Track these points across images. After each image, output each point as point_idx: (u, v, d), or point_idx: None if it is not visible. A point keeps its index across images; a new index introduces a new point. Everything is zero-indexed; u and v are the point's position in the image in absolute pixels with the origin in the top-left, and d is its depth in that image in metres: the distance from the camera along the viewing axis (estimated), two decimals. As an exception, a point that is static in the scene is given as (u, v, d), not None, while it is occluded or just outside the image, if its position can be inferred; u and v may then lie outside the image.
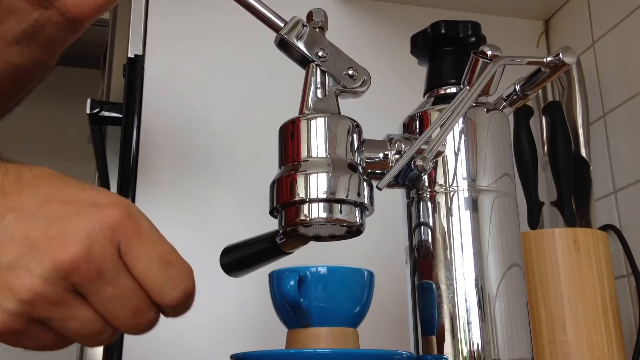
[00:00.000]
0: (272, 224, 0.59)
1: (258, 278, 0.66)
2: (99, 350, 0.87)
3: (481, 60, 0.58)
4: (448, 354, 0.55)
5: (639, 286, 0.88)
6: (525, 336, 0.57)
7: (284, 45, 0.58)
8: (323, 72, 0.56)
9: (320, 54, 0.56)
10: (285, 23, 0.57)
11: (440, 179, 0.58)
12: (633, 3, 0.95)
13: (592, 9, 1.03)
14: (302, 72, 0.59)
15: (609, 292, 0.83)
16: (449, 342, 0.55)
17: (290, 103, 0.75)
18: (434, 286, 0.57)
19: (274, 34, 0.77)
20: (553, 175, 0.94)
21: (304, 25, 0.57)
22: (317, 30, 0.58)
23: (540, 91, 1.04)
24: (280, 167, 0.56)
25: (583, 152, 0.96)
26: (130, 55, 0.94)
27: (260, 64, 0.97)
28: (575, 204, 0.92)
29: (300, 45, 0.57)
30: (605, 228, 0.92)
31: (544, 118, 0.99)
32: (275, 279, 0.58)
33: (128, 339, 0.84)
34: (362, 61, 0.61)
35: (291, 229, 0.55)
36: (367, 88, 0.58)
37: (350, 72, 0.57)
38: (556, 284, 0.81)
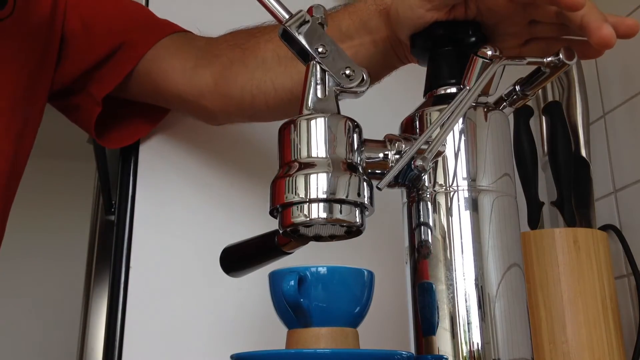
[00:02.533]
0: (272, 224, 0.59)
1: (258, 278, 0.66)
2: (99, 350, 0.87)
3: (481, 60, 0.58)
4: (448, 354, 0.55)
5: (639, 286, 0.88)
6: (525, 336, 0.57)
7: (286, 37, 0.58)
8: (323, 72, 0.56)
9: (320, 49, 0.56)
10: (291, 16, 0.58)
11: (440, 179, 0.58)
12: (633, 3, 0.95)
13: (592, 9, 1.03)
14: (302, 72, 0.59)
15: (609, 292, 0.83)
16: (449, 342, 0.55)
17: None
18: (434, 286, 0.57)
19: (275, 30, 0.77)
20: (553, 175, 0.94)
21: (307, 20, 0.57)
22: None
23: (540, 91, 1.04)
24: (280, 167, 0.56)
25: (583, 152, 0.96)
26: (131, 55, 0.94)
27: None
28: (575, 204, 0.92)
29: (302, 38, 0.57)
30: (605, 228, 0.93)
31: (544, 118, 0.99)
32: (275, 278, 0.58)
33: (128, 338, 0.84)
34: (362, 61, 0.61)
35: (291, 229, 0.55)
36: (367, 88, 0.57)
37: (348, 71, 0.57)
38: (556, 284, 0.81)
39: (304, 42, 0.57)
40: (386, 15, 0.67)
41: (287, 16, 0.57)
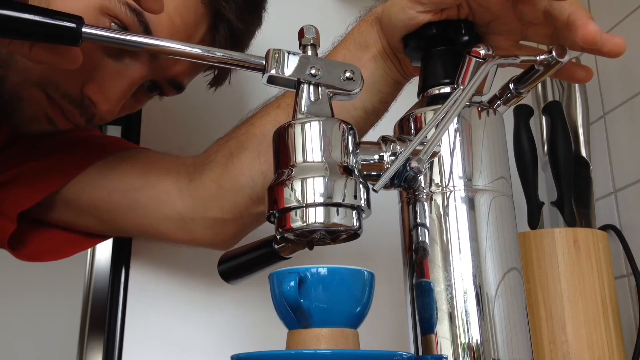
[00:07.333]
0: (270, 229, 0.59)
1: (258, 279, 0.66)
2: (99, 350, 0.87)
3: (474, 59, 0.57)
4: (447, 354, 0.55)
5: (639, 286, 0.88)
6: (524, 336, 0.57)
7: (273, 81, 0.57)
8: (316, 86, 0.56)
9: (313, 72, 0.56)
10: (266, 59, 0.56)
11: (436, 179, 0.58)
12: (633, 3, 0.95)
13: (592, 9, 1.03)
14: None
15: (609, 292, 0.83)
16: (448, 342, 0.55)
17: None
18: (432, 286, 0.57)
19: (275, 30, 0.77)
20: (553, 175, 0.94)
21: (287, 53, 0.56)
22: (309, 47, 0.57)
23: (540, 91, 1.04)
24: (276, 171, 0.56)
25: (583, 152, 0.96)
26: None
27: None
28: (575, 204, 0.92)
29: (290, 74, 0.56)
30: (605, 228, 0.93)
31: (544, 118, 0.99)
32: (276, 279, 0.58)
33: (128, 338, 0.85)
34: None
35: (288, 234, 0.55)
36: (360, 89, 0.57)
37: (348, 74, 0.57)
38: (556, 284, 0.82)
39: (294, 76, 0.56)
40: (378, 24, 0.66)
41: (261, 61, 0.56)
